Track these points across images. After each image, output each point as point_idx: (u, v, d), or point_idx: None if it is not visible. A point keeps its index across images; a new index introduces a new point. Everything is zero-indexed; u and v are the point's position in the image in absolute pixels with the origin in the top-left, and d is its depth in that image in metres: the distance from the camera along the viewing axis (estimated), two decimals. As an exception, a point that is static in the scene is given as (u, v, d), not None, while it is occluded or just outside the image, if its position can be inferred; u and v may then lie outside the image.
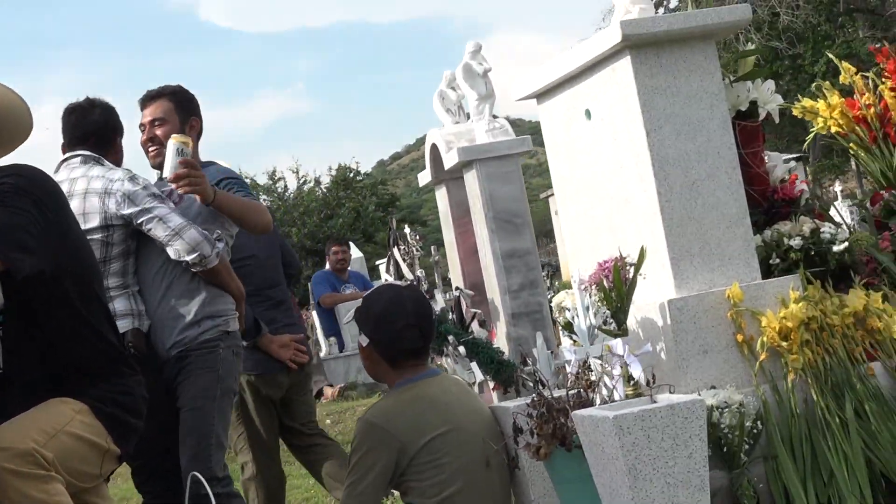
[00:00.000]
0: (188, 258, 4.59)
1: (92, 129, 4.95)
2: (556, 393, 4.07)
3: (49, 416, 3.45)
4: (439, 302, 5.90)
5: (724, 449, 4.68)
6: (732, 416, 4.63)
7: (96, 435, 3.55)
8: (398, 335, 4.17)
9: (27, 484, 3.25)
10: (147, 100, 5.10)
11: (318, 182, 39.00)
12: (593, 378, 4.02)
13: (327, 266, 13.31)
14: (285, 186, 38.61)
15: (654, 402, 3.63)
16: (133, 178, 4.76)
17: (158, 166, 5.03)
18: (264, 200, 37.85)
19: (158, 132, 5.01)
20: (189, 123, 5.07)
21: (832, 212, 8.94)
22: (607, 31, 4.91)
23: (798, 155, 25.87)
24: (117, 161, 5.01)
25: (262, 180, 38.65)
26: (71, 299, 3.59)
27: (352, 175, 39.48)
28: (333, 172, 39.35)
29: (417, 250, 11.56)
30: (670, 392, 3.98)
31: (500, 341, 7.51)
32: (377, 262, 27.58)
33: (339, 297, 12.74)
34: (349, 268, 13.49)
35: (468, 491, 4.01)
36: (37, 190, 3.56)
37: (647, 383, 3.85)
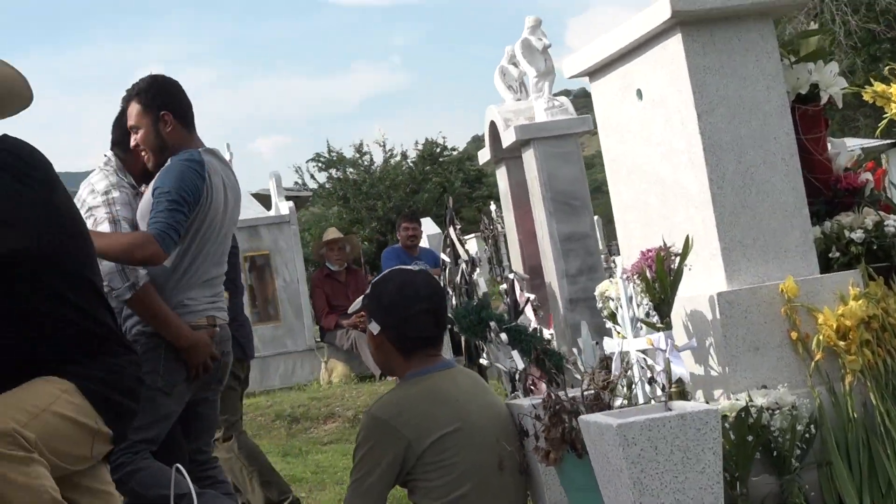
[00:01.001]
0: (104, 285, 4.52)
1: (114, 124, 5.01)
2: (573, 392, 3.81)
3: (32, 395, 3.30)
4: (482, 287, 5.67)
5: (775, 453, 4.42)
6: (784, 419, 4.38)
7: (84, 415, 3.39)
8: (411, 321, 3.94)
9: (6, 465, 3.09)
10: (125, 102, 4.96)
11: (404, 156, 38.89)
12: (616, 375, 3.76)
13: (398, 242, 13.15)
14: (371, 160, 38.57)
15: (669, 409, 3.36)
16: (94, 192, 4.81)
17: (152, 168, 4.90)
18: (350, 173, 37.83)
19: (138, 138, 4.87)
20: (161, 119, 4.84)
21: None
22: (657, 6, 4.63)
23: (893, 141, 25.15)
24: (128, 162, 5.03)
25: (349, 153, 38.68)
26: (52, 278, 3.44)
27: (438, 150, 39.30)
28: (420, 147, 39.20)
29: (502, 228, 11.34)
30: (688, 399, 3.71)
31: (558, 327, 7.31)
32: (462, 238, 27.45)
33: (412, 275, 12.58)
34: (422, 244, 13.33)
35: (478, 493, 3.77)
36: (20, 164, 3.41)
37: (665, 387, 3.58)
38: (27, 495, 3.09)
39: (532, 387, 4.76)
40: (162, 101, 4.85)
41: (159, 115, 4.83)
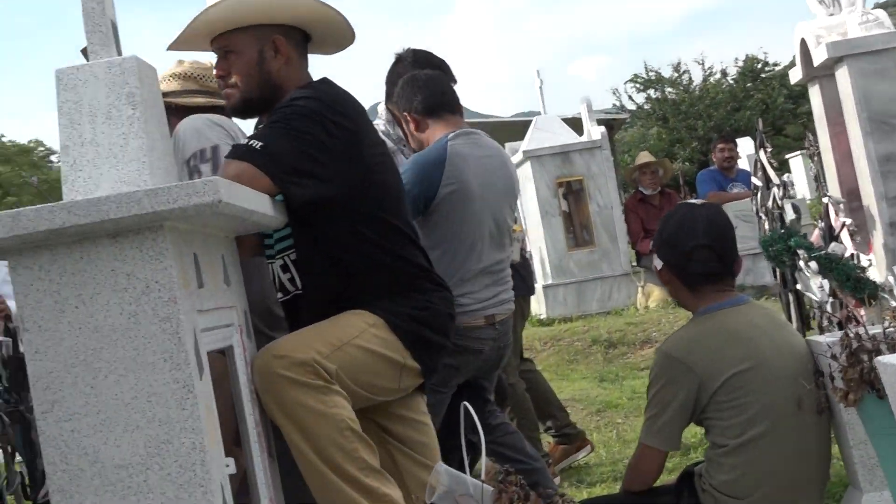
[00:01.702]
0: None
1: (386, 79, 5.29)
2: (874, 329, 3.60)
3: (338, 329, 3.43)
4: (789, 213, 5.45)
5: None
6: None
7: (391, 349, 3.50)
8: (688, 257, 3.84)
9: (304, 393, 3.23)
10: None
11: (724, 74, 37.90)
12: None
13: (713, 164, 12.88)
14: (690, 78, 37.80)
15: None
16: None
17: None
18: (669, 93, 37.26)
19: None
20: (405, 120, 4.91)
21: None
22: None
23: None
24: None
25: (667, 73, 38.05)
26: (356, 221, 3.55)
27: (760, 66, 38.07)
28: (741, 64, 38.08)
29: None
30: None
31: (877, 253, 6.99)
32: (787, 156, 26.56)
33: (725, 197, 12.29)
34: (742, 165, 12.99)
35: (775, 433, 3.65)
36: (329, 113, 3.51)
37: None
38: (324, 422, 3.23)
39: (848, 318, 4.52)
40: (403, 104, 4.91)
41: (404, 115, 4.90)
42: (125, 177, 2.96)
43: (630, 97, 38.83)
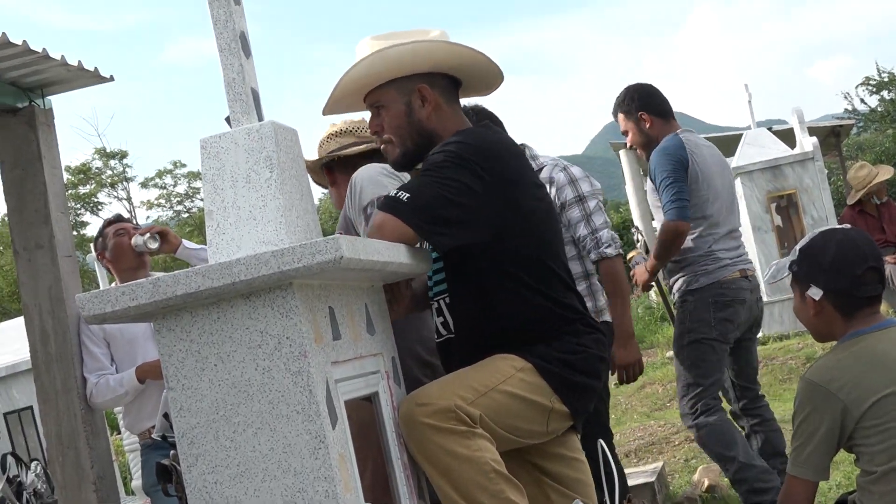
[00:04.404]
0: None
1: None
2: None
3: (484, 374, 3.47)
4: None
5: None
6: None
7: (538, 394, 3.51)
8: (859, 281, 3.71)
9: (447, 438, 3.28)
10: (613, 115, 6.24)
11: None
12: None
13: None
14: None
15: None
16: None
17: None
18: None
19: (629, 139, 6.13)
20: (641, 119, 5.92)
21: None
22: None
23: None
24: None
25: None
26: (508, 264, 3.58)
27: None
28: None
29: None
30: None
31: None
32: None
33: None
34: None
35: None
36: (479, 157, 3.53)
37: None
38: (468, 466, 3.27)
39: None
40: (638, 105, 5.92)
41: (639, 116, 5.91)
42: (264, 237, 3.12)
43: (862, 100, 37.64)
